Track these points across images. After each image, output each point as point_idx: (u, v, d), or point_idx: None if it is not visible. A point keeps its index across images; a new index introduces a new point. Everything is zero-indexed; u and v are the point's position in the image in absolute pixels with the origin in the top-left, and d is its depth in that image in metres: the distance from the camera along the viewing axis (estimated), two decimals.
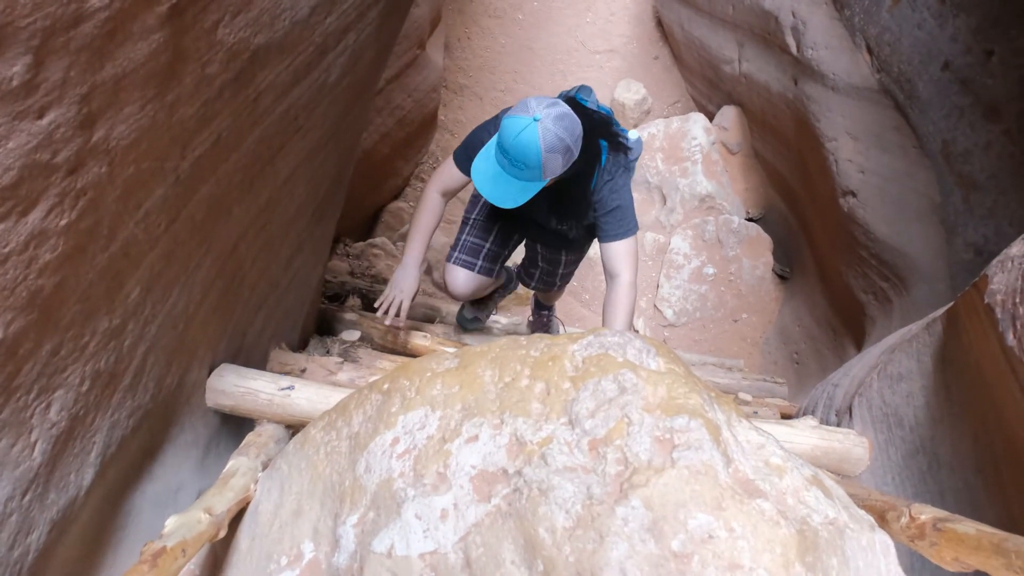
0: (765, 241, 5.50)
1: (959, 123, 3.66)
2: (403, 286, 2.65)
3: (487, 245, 3.07)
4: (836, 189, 4.33)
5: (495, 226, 3.05)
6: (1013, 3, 3.34)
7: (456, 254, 3.08)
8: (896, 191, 4.00)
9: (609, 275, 2.52)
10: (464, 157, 2.51)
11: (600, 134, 2.42)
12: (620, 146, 2.48)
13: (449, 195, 2.68)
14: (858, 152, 4.22)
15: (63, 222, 1.20)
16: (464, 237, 3.10)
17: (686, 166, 5.84)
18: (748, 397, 3.10)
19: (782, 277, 5.53)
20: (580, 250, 3.23)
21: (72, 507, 1.39)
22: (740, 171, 6.07)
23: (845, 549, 1.14)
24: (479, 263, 3.05)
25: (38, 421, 1.26)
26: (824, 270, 4.86)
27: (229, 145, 1.74)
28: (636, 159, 2.61)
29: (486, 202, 3.04)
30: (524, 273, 3.48)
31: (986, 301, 1.45)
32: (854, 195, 4.21)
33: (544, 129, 2.05)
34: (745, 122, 6.06)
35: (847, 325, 4.46)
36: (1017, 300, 1.34)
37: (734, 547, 1.05)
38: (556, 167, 2.13)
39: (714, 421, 1.23)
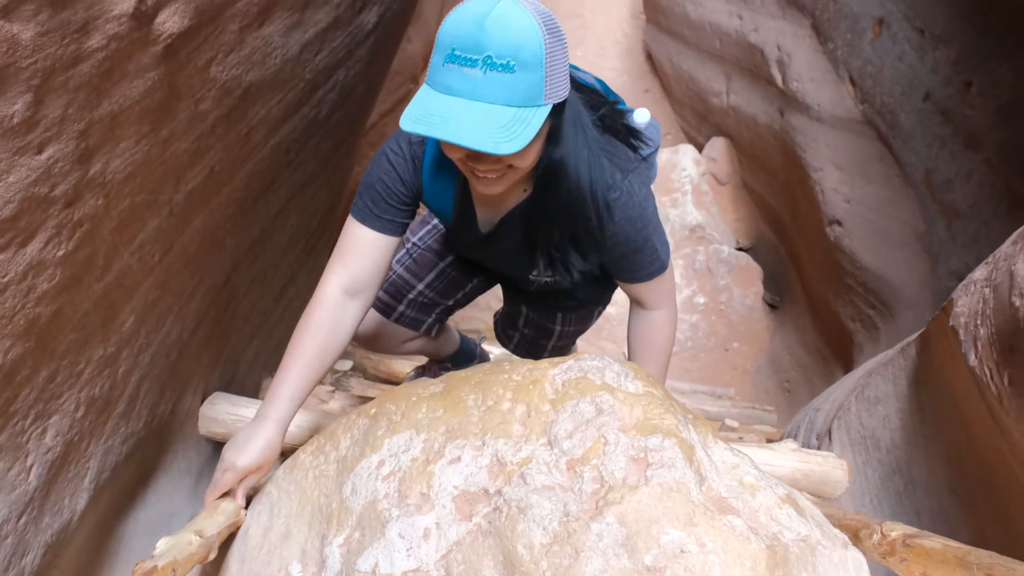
0: (755, 270, 5.56)
1: (941, 153, 3.73)
2: (235, 456, 1.51)
3: (419, 287, 2.17)
4: (822, 218, 4.40)
5: (441, 262, 2.16)
6: (990, 35, 3.43)
7: None
8: (881, 220, 4.07)
9: (640, 307, 1.87)
10: (366, 205, 1.60)
11: (594, 111, 1.55)
12: (622, 131, 1.60)
13: (361, 289, 1.63)
14: (843, 182, 4.29)
15: (60, 253, 1.25)
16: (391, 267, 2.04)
17: (676, 197, 5.92)
18: (735, 423, 3.14)
19: (772, 306, 5.59)
20: (587, 312, 2.28)
21: (66, 531, 1.43)
22: (730, 202, 6.15)
23: (816, 565, 1.17)
24: (399, 308, 2.18)
25: (34, 446, 1.30)
26: (813, 299, 4.92)
27: (222, 178, 1.80)
28: (655, 151, 1.76)
29: (437, 224, 2.13)
30: (502, 331, 2.56)
31: (951, 323, 1.51)
32: (840, 224, 4.27)
33: (530, 2, 1.28)
34: (734, 153, 6.15)
35: (836, 353, 4.51)
36: (978, 322, 1.40)
37: (705, 561, 1.08)
38: (560, 76, 1.30)
39: (688, 441, 1.27)
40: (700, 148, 6.50)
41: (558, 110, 1.37)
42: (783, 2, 4.84)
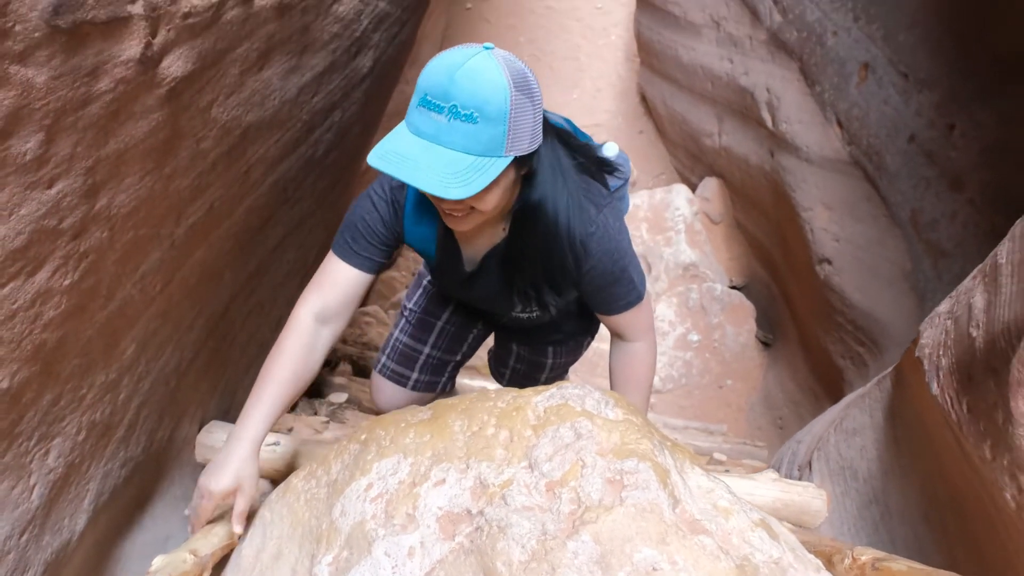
0: (748, 309, 5.61)
1: (926, 193, 3.81)
2: (208, 482, 1.48)
3: (426, 350, 2.27)
4: (812, 257, 4.46)
5: (439, 321, 2.26)
6: (972, 80, 3.52)
7: (384, 360, 2.31)
8: (869, 259, 4.13)
9: (621, 339, 1.92)
10: (346, 242, 1.67)
11: (564, 148, 1.62)
12: (592, 167, 1.69)
13: (332, 318, 1.67)
14: (832, 221, 4.36)
15: (67, 282, 1.32)
16: (396, 336, 2.29)
17: (670, 236, 5.99)
18: (723, 457, 3.18)
19: (765, 344, 5.63)
20: (576, 343, 2.36)
21: (66, 550, 1.48)
22: (723, 241, 6.22)
23: None
24: (413, 376, 2.29)
25: (37, 466, 1.36)
26: (804, 336, 4.96)
27: (221, 214, 1.87)
28: (627, 183, 1.87)
29: (429, 286, 2.24)
30: (494, 368, 2.63)
31: (916, 355, 1.57)
32: (829, 263, 4.33)
33: (505, 58, 1.33)
34: (727, 193, 6.23)
35: (827, 390, 4.54)
36: (941, 353, 1.46)
37: None
38: (525, 130, 1.36)
39: (663, 465, 1.33)
40: (694, 188, 6.58)
41: (529, 157, 1.44)
42: (772, 47, 4.95)
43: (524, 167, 1.48)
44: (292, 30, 1.91)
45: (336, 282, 1.66)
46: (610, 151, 1.84)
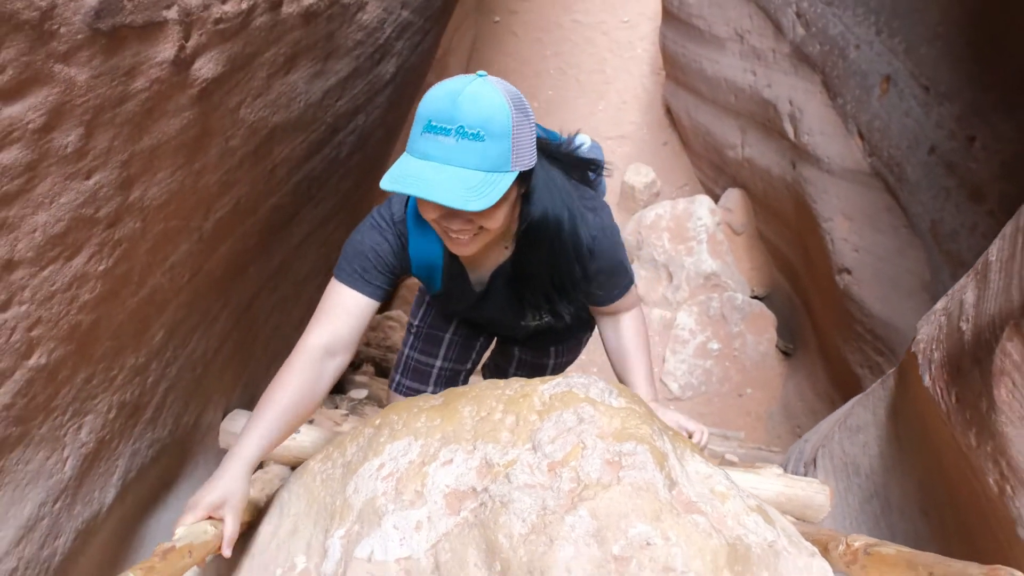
0: (769, 318, 5.62)
1: (946, 204, 3.82)
2: (198, 496, 1.45)
3: (437, 363, 2.32)
4: (832, 267, 4.48)
5: (446, 334, 2.30)
6: (993, 92, 3.54)
7: (398, 378, 2.36)
8: (889, 269, 4.14)
9: (614, 315, 1.94)
10: (355, 271, 1.67)
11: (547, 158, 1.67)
12: (577, 172, 1.76)
13: (341, 349, 1.67)
14: (852, 232, 4.38)
15: (101, 268, 1.40)
16: (407, 353, 2.33)
17: (691, 245, 6.03)
18: (734, 459, 3.21)
19: (786, 353, 5.64)
20: (576, 340, 2.40)
21: (95, 521, 1.56)
22: (745, 251, 6.25)
23: (779, 567, 1.28)
24: (429, 390, 2.33)
25: (70, 440, 1.45)
26: (824, 346, 4.97)
27: (247, 210, 1.95)
28: (603, 171, 1.89)
29: (432, 303, 2.28)
30: (491, 375, 2.61)
31: (912, 350, 1.62)
32: (849, 272, 4.35)
33: (500, 82, 1.42)
34: (749, 204, 6.25)
35: (845, 399, 4.49)
36: (934, 347, 1.51)
37: (668, 553, 1.19)
38: (526, 146, 1.43)
39: (661, 449, 1.38)
40: (717, 199, 6.62)
41: (527, 176, 1.51)
42: (795, 59, 4.99)
43: (524, 185, 1.54)
44: (317, 36, 1.99)
45: (348, 310, 1.67)
46: (584, 142, 1.89)
